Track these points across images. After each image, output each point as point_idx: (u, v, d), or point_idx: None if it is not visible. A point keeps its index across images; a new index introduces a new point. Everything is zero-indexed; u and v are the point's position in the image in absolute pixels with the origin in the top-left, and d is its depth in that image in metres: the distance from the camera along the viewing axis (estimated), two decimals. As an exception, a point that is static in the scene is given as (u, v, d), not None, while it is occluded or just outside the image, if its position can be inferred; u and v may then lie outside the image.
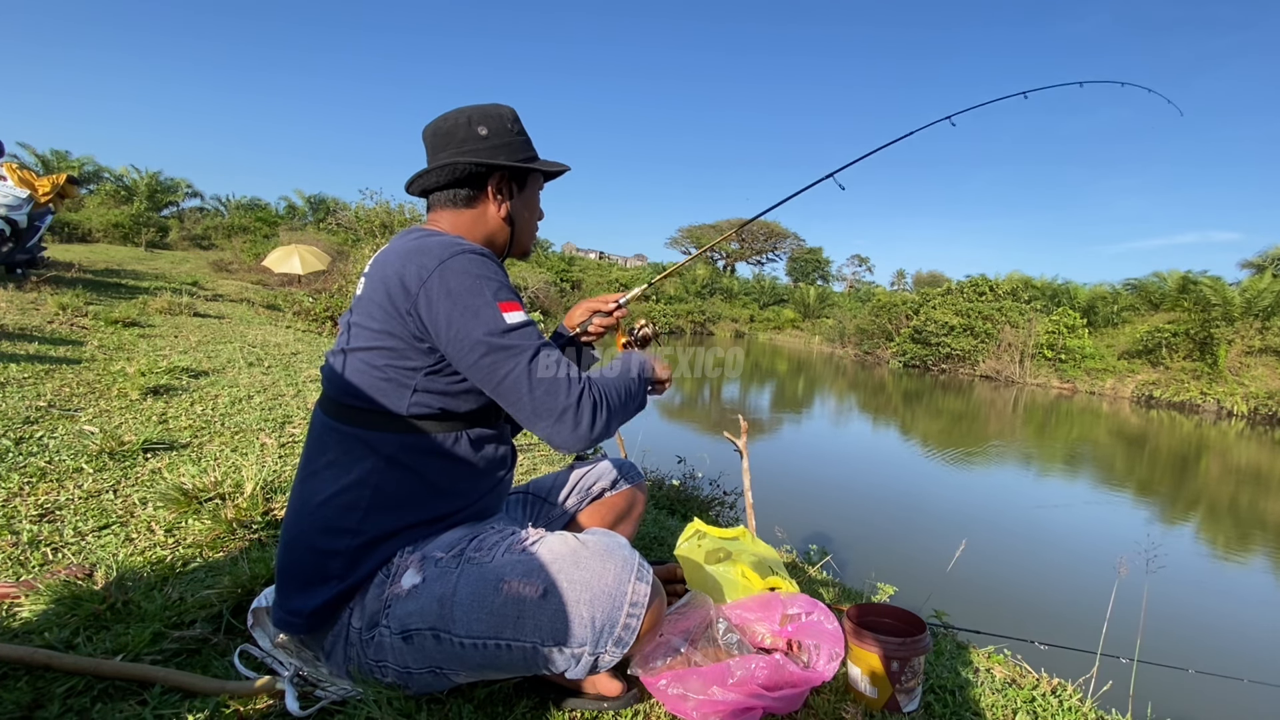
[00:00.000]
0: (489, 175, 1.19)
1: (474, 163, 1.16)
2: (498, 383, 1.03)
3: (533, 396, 1.02)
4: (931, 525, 6.00)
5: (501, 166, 1.18)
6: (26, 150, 21.12)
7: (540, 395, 1.02)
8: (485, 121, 1.19)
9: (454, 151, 1.17)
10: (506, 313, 1.03)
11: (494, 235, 1.23)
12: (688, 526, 1.64)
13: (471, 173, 1.17)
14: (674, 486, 3.67)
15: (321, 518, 1.07)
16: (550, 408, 1.02)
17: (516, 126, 1.22)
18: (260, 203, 29.57)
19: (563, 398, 1.02)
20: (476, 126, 1.18)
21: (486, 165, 1.17)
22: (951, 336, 21.26)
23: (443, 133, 1.18)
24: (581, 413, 1.03)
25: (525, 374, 1.02)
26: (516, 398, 1.03)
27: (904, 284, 53.44)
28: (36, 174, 6.38)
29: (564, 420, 1.02)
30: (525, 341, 1.03)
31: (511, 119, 1.22)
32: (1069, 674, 1.68)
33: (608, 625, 0.98)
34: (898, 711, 1.28)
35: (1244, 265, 20.56)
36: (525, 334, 1.04)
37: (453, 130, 1.18)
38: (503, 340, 1.02)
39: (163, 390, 3.24)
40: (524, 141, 1.23)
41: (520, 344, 1.03)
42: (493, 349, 1.01)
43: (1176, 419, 14.92)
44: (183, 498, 1.85)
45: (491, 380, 1.04)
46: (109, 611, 1.28)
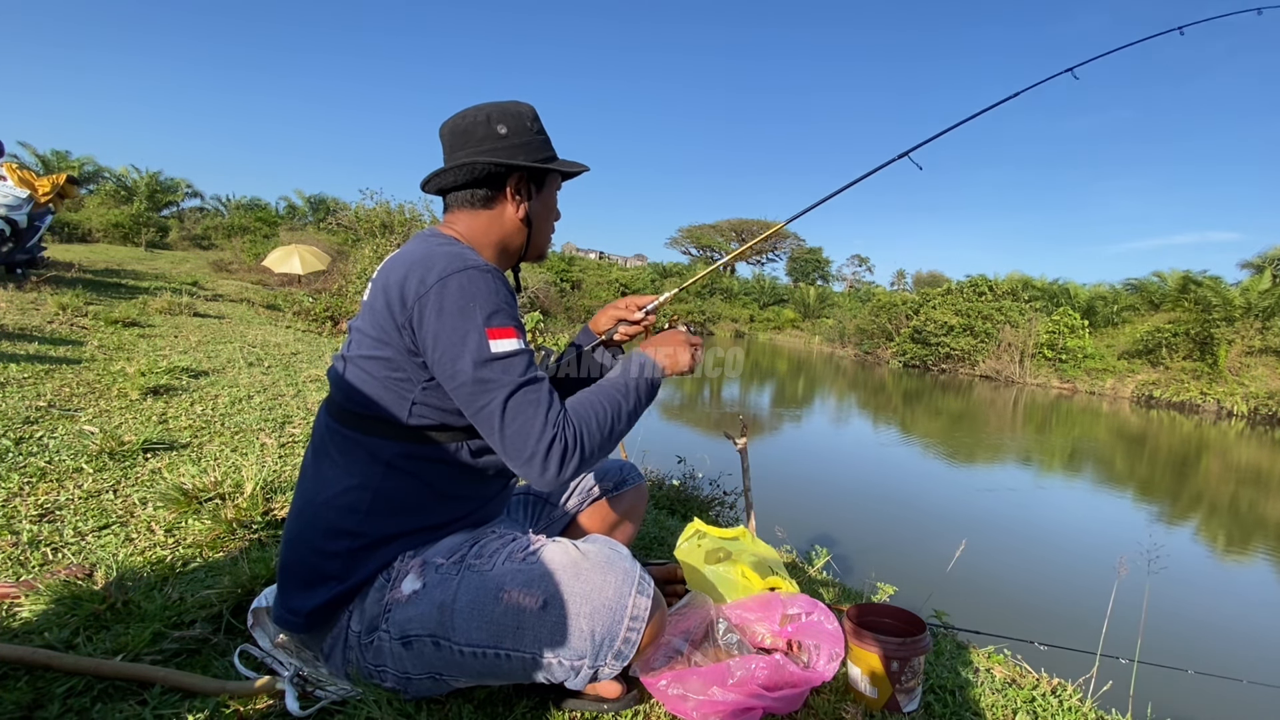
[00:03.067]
0: (508, 175, 1.16)
1: (493, 163, 1.13)
2: (474, 414, 1.01)
3: (503, 435, 0.98)
4: (931, 525, 6.00)
5: (521, 167, 1.15)
6: (26, 150, 21.19)
7: (510, 435, 0.98)
8: (505, 120, 1.15)
9: (472, 150, 1.14)
10: (494, 340, 0.99)
11: (511, 237, 1.21)
12: (688, 527, 1.64)
13: (490, 173, 1.14)
14: (674, 486, 3.67)
15: (322, 518, 1.07)
16: (519, 449, 0.98)
17: (536, 125, 1.19)
18: (260, 203, 29.66)
19: (532, 442, 0.97)
20: (496, 125, 1.15)
21: (505, 165, 1.14)
22: (951, 336, 21.28)
23: (461, 131, 1.15)
24: (550, 460, 0.97)
25: (499, 410, 0.98)
26: (489, 432, 1.00)
27: (904, 284, 53.46)
28: (36, 174, 6.38)
29: (531, 464, 0.98)
30: (505, 375, 0.98)
31: (531, 117, 1.19)
32: (1069, 674, 1.68)
33: (608, 639, 0.97)
34: (898, 711, 1.28)
35: (1244, 265, 20.56)
36: (508, 366, 0.99)
37: (471, 128, 1.15)
38: (482, 372, 0.98)
39: (163, 390, 3.24)
40: (543, 141, 1.20)
41: (499, 378, 0.98)
42: (471, 379, 0.98)
43: (1176, 419, 14.92)
44: (183, 498, 1.85)
45: (469, 410, 1.01)
46: (109, 611, 1.28)
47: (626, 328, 1.40)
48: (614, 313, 1.41)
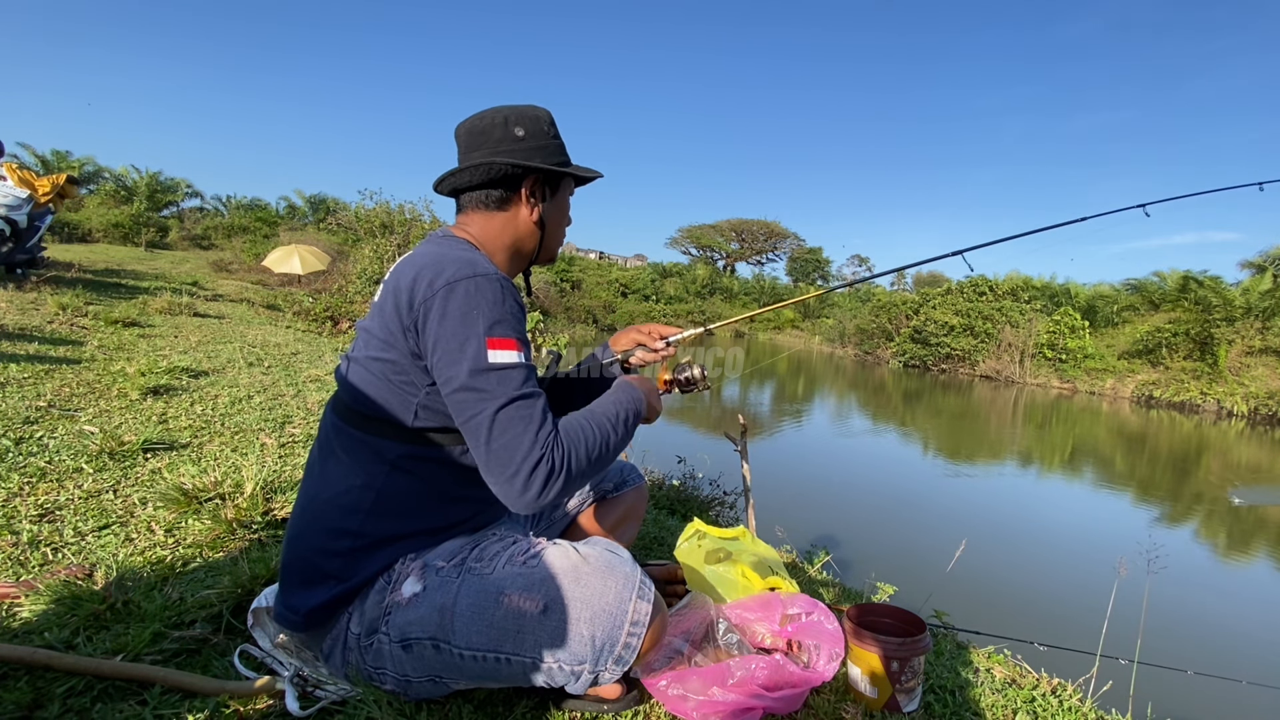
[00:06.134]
0: (524, 177, 1.16)
1: (510, 163, 1.13)
2: (463, 422, 0.99)
3: (489, 449, 0.96)
4: (931, 525, 6.01)
5: (537, 169, 1.16)
6: (26, 150, 21.15)
7: (495, 449, 0.96)
8: (522, 123, 1.16)
9: (489, 151, 1.14)
10: (494, 350, 0.97)
11: (524, 239, 1.20)
12: (688, 527, 1.64)
13: (507, 174, 1.14)
14: (674, 486, 3.67)
15: (325, 517, 1.07)
16: (501, 466, 0.96)
17: (552, 130, 1.20)
18: (260, 203, 29.63)
19: (517, 460, 0.95)
20: (513, 127, 1.15)
21: (523, 167, 1.14)
22: (951, 336, 21.28)
23: (478, 132, 1.16)
24: (533, 480, 0.95)
25: (487, 422, 0.96)
26: (475, 443, 0.98)
27: (904, 284, 53.38)
28: (36, 174, 6.38)
29: (512, 484, 0.95)
30: (500, 387, 0.97)
31: (548, 122, 1.19)
32: (1069, 674, 1.68)
33: (608, 644, 0.97)
34: (898, 711, 1.28)
35: (1244, 265, 20.53)
36: (504, 378, 0.97)
37: (489, 129, 1.15)
38: (476, 380, 0.96)
39: (163, 390, 3.24)
40: (558, 145, 1.21)
41: (493, 389, 0.96)
42: (465, 387, 0.97)
43: (1176, 419, 14.92)
44: (183, 498, 1.85)
45: (459, 418, 0.99)
46: (109, 611, 1.28)
47: (644, 354, 1.40)
48: (636, 336, 1.42)
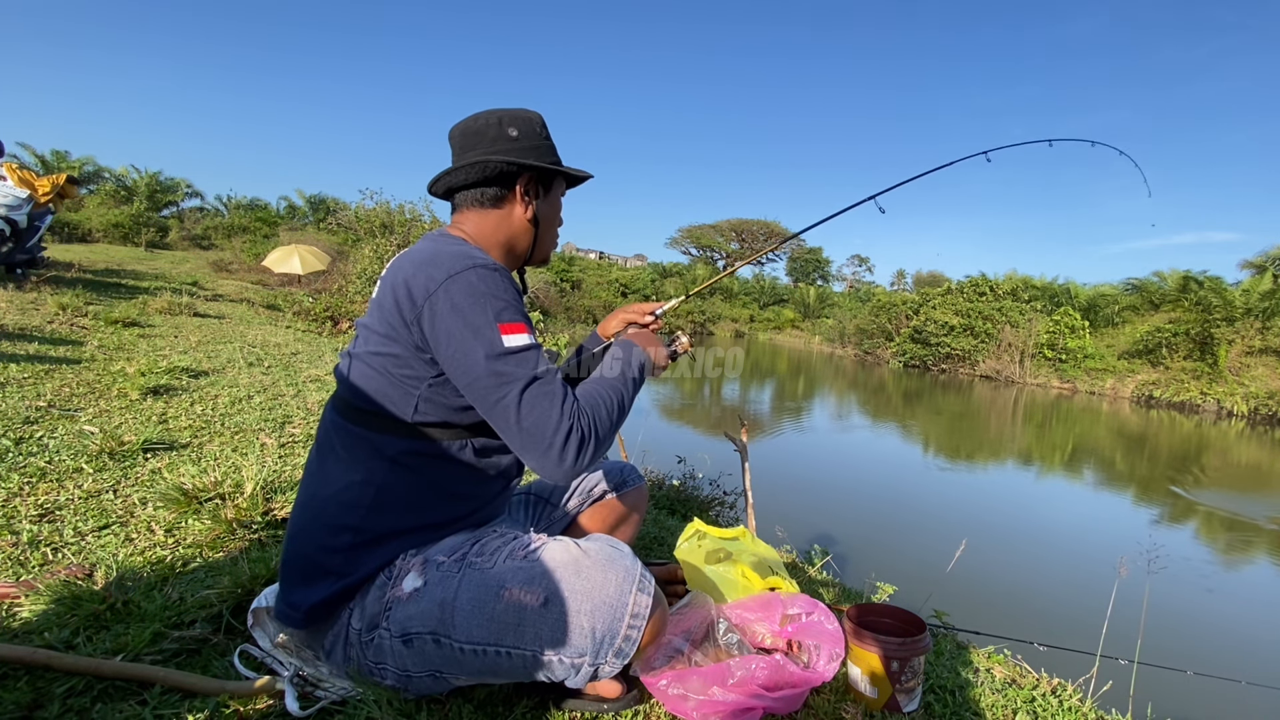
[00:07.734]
0: (518, 175, 1.18)
1: (506, 161, 1.15)
2: (489, 408, 1.01)
3: (520, 428, 0.99)
4: (931, 525, 6.00)
5: (532, 167, 1.18)
6: (26, 150, 21.11)
7: (528, 427, 0.99)
8: (516, 123, 1.19)
9: (484, 150, 1.17)
10: (507, 335, 1.01)
11: (518, 238, 1.22)
12: (688, 527, 1.64)
13: (502, 172, 1.17)
14: (674, 486, 3.67)
15: (325, 513, 1.07)
16: (536, 441, 0.99)
17: (544, 132, 1.23)
18: (260, 203, 29.58)
19: (550, 433, 0.98)
20: (507, 128, 1.18)
21: (518, 165, 1.16)
22: (951, 336, 21.26)
23: (473, 132, 1.18)
24: (567, 450, 0.99)
25: (515, 403, 0.99)
26: (505, 426, 1.01)
27: (904, 284, 53.43)
28: (36, 174, 6.38)
29: (549, 455, 0.99)
30: (520, 369, 1.00)
31: (540, 124, 1.22)
32: (1069, 674, 1.68)
33: (608, 636, 0.97)
34: (898, 711, 1.28)
35: (1244, 265, 20.53)
36: (523, 360, 1.01)
37: (483, 130, 1.18)
38: (497, 365, 0.99)
39: (163, 390, 3.24)
40: (550, 147, 1.24)
41: (514, 371, 0.99)
42: (487, 373, 0.99)
43: (1176, 419, 14.91)
44: (183, 498, 1.85)
45: (483, 404, 1.02)
46: (109, 611, 1.28)
47: (635, 331, 1.41)
48: (624, 316, 1.43)
